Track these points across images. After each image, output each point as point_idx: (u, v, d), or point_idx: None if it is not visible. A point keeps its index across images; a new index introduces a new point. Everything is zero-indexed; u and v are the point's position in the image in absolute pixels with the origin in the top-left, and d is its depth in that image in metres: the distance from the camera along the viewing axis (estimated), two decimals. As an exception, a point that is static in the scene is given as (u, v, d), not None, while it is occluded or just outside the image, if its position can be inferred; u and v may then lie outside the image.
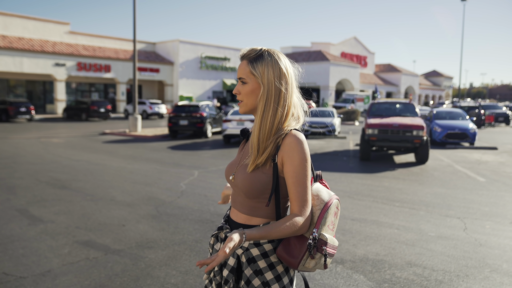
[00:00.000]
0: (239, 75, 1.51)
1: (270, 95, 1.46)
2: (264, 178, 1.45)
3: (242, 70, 1.50)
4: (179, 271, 3.67)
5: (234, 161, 1.61)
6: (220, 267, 1.51)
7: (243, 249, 1.49)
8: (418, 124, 10.37)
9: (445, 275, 3.63)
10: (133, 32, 18.79)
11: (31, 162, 9.62)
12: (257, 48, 1.50)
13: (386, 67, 63.71)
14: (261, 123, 1.47)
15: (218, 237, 1.60)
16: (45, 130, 18.87)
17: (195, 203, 5.99)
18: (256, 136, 1.47)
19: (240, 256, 1.49)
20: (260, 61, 1.47)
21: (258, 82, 1.47)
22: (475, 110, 23.66)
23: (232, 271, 1.48)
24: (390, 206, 6.05)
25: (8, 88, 31.47)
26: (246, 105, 1.52)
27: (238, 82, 1.53)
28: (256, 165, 1.46)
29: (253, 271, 1.47)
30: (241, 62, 1.51)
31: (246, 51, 1.51)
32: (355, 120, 27.53)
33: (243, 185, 1.47)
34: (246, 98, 1.50)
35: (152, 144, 14.28)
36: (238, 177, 1.51)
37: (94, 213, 5.46)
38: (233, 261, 1.49)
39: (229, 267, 1.49)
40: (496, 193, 7.06)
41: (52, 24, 32.01)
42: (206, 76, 40.26)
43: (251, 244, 1.48)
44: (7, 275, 3.53)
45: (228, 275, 1.48)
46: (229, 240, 1.32)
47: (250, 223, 1.51)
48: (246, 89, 1.49)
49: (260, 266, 1.48)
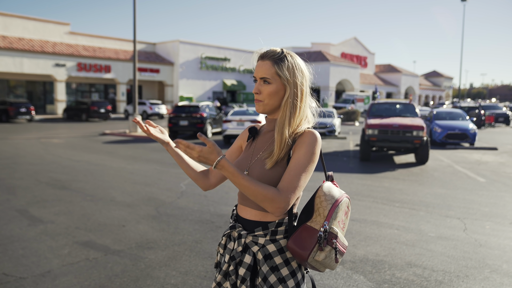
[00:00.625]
0: (262, 75, 1.50)
1: (295, 96, 1.51)
2: (281, 173, 1.48)
3: (266, 70, 1.50)
4: (179, 271, 3.66)
5: (242, 158, 1.61)
6: (235, 266, 1.51)
7: (259, 246, 1.50)
8: (418, 124, 10.37)
9: (445, 276, 3.63)
10: (133, 33, 18.80)
11: (31, 163, 9.62)
12: (278, 49, 1.53)
13: (386, 68, 63.71)
14: (289, 123, 1.49)
15: (231, 236, 1.58)
16: (45, 130, 18.87)
17: (195, 204, 5.99)
18: (281, 135, 1.49)
19: (256, 253, 1.50)
20: (285, 62, 1.50)
21: (284, 83, 1.50)
22: (475, 110, 23.67)
23: (249, 269, 1.49)
24: (390, 206, 6.05)
25: (8, 88, 31.48)
26: (267, 105, 1.53)
27: (258, 82, 1.53)
28: (276, 161, 1.49)
29: (269, 267, 1.49)
30: (263, 62, 1.51)
31: (267, 51, 1.52)
32: (355, 121, 27.53)
33: (262, 181, 1.47)
34: (268, 99, 1.52)
35: (152, 144, 14.28)
36: (254, 173, 1.51)
37: (94, 214, 5.46)
38: (249, 259, 1.49)
39: (245, 265, 1.49)
40: (496, 193, 7.06)
41: (52, 25, 32.03)
42: (206, 76, 40.26)
43: (267, 240, 1.50)
44: (7, 276, 3.53)
45: (245, 273, 1.49)
46: (207, 149, 1.33)
47: (265, 219, 1.52)
48: (270, 90, 1.50)
49: (276, 262, 1.49)
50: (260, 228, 1.50)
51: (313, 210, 1.49)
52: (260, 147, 1.59)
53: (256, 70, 1.53)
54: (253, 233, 1.51)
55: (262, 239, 1.50)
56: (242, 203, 1.58)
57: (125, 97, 35.88)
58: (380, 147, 10.71)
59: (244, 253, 1.51)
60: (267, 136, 1.60)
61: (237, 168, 1.38)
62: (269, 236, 1.50)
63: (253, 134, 1.64)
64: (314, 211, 1.48)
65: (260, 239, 1.50)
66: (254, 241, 1.51)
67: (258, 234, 1.50)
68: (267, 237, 1.49)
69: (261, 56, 1.53)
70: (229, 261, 1.52)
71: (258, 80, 1.53)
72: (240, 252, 1.51)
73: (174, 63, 38.24)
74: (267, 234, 1.50)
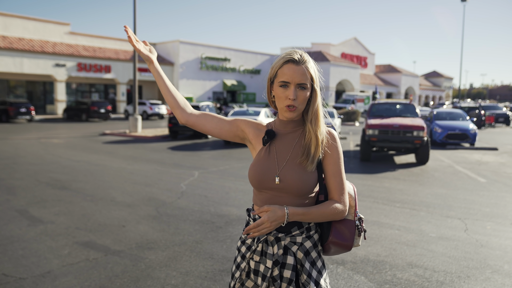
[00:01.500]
0: (301, 81, 1.49)
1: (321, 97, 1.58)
2: (316, 174, 1.55)
3: (303, 75, 1.49)
4: (180, 272, 3.65)
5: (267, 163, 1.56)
6: (279, 270, 1.53)
7: (298, 245, 1.55)
8: (418, 124, 10.36)
9: (446, 276, 3.62)
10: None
11: (31, 163, 9.61)
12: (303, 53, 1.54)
13: (386, 68, 63.71)
14: (321, 125, 1.56)
15: (267, 241, 1.55)
16: (45, 130, 18.86)
17: (196, 204, 5.98)
18: (319, 137, 1.54)
19: (296, 252, 1.55)
20: (313, 66, 1.54)
21: (315, 87, 1.54)
22: (475, 110, 23.66)
23: (294, 270, 1.53)
24: (391, 206, 6.04)
25: (8, 88, 31.47)
26: (299, 110, 1.55)
27: (291, 87, 1.49)
28: (316, 163, 1.54)
29: (309, 263, 1.55)
30: (298, 66, 1.49)
31: (301, 56, 1.51)
32: (355, 121, 27.53)
33: (300, 185, 1.51)
34: (302, 104, 1.54)
35: (152, 144, 14.27)
36: (290, 178, 1.51)
37: (94, 214, 5.45)
38: (292, 260, 1.54)
39: (289, 267, 1.53)
40: (497, 194, 7.05)
41: (52, 25, 32.02)
42: (206, 76, 40.26)
43: (304, 238, 1.55)
44: (7, 276, 3.52)
45: (291, 274, 1.53)
46: (271, 212, 1.44)
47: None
48: (305, 95, 1.52)
49: (313, 257, 1.57)
50: (296, 228, 1.55)
51: None
52: (283, 150, 1.57)
53: (289, 74, 1.48)
54: (291, 234, 1.55)
55: (300, 237, 1.55)
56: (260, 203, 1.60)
57: (125, 97, 35.87)
58: (381, 147, 10.70)
59: (285, 255, 1.54)
60: (288, 139, 1.59)
61: (299, 207, 1.48)
62: (305, 233, 1.56)
63: (271, 138, 1.59)
64: None
65: (298, 238, 1.55)
66: (292, 241, 1.55)
67: (295, 234, 1.55)
68: (303, 235, 1.55)
69: (294, 61, 1.49)
70: (272, 266, 1.52)
71: (294, 86, 1.49)
72: (281, 255, 1.54)
73: (174, 63, 38.23)
74: (303, 232, 1.56)
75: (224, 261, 3.90)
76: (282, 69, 1.49)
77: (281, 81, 1.49)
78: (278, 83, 1.51)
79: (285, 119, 1.58)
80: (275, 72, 1.53)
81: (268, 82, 1.59)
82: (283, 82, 1.49)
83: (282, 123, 1.61)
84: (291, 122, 1.59)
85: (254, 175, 1.56)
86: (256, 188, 1.58)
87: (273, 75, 1.54)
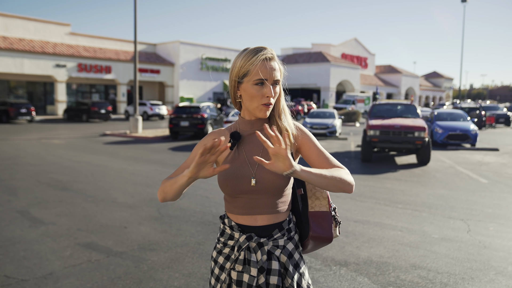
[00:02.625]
0: (277, 77, 1.45)
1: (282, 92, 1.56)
2: None
3: (277, 72, 1.45)
4: (182, 273, 3.64)
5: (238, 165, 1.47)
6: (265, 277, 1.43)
7: (280, 248, 1.49)
8: (419, 125, 10.34)
9: (450, 278, 3.60)
10: (133, 33, 18.78)
11: (31, 164, 9.59)
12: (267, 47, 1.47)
13: (387, 68, 63.70)
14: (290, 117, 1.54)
15: (250, 248, 1.46)
16: (46, 131, 18.85)
17: (197, 205, 5.96)
18: (287, 130, 1.51)
19: (279, 256, 1.49)
20: (278, 60, 1.51)
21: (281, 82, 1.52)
22: (475, 111, 23.64)
23: (280, 275, 1.45)
24: (393, 207, 6.02)
25: (9, 89, 31.46)
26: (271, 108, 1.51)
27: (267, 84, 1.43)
28: None
29: (293, 265, 1.51)
30: (274, 63, 1.45)
31: (270, 51, 1.45)
32: (356, 121, 27.50)
33: (278, 182, 1.44)
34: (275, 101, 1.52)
35: (153, 145, 14.26)
36: (267, 178, 1.44)
37: (95, 215, 5.43)
38: (277, 265, 1.46)
39: (275, 272, 1.44)
40: (499, 194, 7.03)
41: (52, 25, 32.02)
42: (206, 77, 40.24)
43: (286, 240, 1.51)
44: (9, 278, 3.50)
45: (278, 280, 1.44)
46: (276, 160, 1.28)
47: (278, 220, 1.51)
48: (279, 91, 1.51)
49: (296, 259, 1.53)
50: (277, 230, 1.49)
51: (307, 197, 1.56)
52: (253, 151, 1.49)
53: (266, 72, 1.42)
54: (273, 238, 1.48)
55: (282, 240, 1.50)
56: (247, 213, 1.48)
57: (125, 98, 35.86)
58: (382, 148, 10.69)
59: (270, 260, 1.46)
60: (256, 138, 1.51)
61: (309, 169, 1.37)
62: (287, 235, 1.51)
63: (238, 139, 1.51)
64: (309, 197, 1.56)
65: (280, 241, 1.49)
66: (275, 245, 1.48)
67: (277, 237, 1.49)
68: (285, 237, 1.51)
69: (269, 57, 1.44)
70: (258, 274, 1.43)
71: (271, 83, 1.44)
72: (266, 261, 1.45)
73: (175, 64, 38.23)
74: (284, 234, 1.51)
75: (227, 262, 3.88)
76: (256, 67, 1.41)
77: (257, 79, 1.41)
78: (253, 81, 1.41)
79: (254, 118, 1.51)
80: (246, 70, 1.42)
81: (234, 82, 1.47)
82: (260, 80, 1.41)
83: (249, 123, 1.52)
84: (258, 121, 1.51)
85: (227, 181, 1.45)
86: (230, 194, 1.48)
87: (242, 73, 1.44)
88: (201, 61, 39.40)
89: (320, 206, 1.55)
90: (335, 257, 4.04)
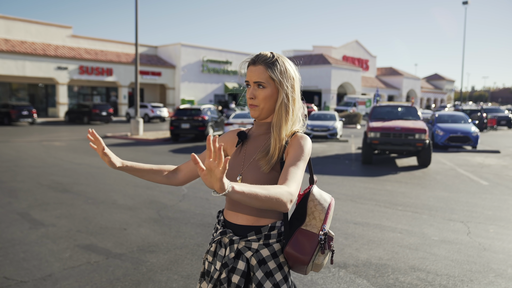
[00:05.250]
0: (256, 79, 1.50)
1: (288, 99, 1.51)
2: (276, 176, 1.48)
3: (260, 74, 1.50)
4: (181, 275, 3.64)
5: (233, 164, 1.56)
6: (227, 273, 1.46)
7: (253, 251, 1.47)
8: (420, 127, 10.34)
9: (449, 280, 3.59)
10: (135, 36, 18.83)
11: (32, 166, 9.61)
12: (268, 53, 1.53)
13: (388, 71, 63.67)
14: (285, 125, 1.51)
15: (221, 242, 1.53)
16: (47, 133, 18.89)
17: (197, 207, 5.96)
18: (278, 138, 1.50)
19: (250, 258, 1.47)
20: (277, 66, 1.51)
21: (277, 87, 1.50)
22: (477, 113, 23.62)
23: (243, 276, 1.45)
24: (393, 210, 6.01)
25: (11, 91, 31.57)
26: (262, 109, 1.52)
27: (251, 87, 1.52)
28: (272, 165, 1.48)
29: (264, 273, 1.45)
30: (255, 66, 1.51)
31: (259, 55, 1.53)
32: (357, 124, 27.49)
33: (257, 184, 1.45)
34: (264, 103, 1.52)
35: (154, 147, 14.27)
36: (249, 178, 1.48)
37: (95, 217, 5.44)
38: (243, 265, 1.45)
39: (239, 272, 1.45)
40: (499, 196, 7.02)
41: (54, 28, 32.12)
42: (207, 79, 40.31)
43: (261, 245, 1.47)
44: (8, 279, 3.51)
45: (239, 281, 1.45)
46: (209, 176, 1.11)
47: (258, 223, 1.49)
48: (265, 94, 1.50)
49: (270, 267, 1.47)
50: (253, 233, 1.47)
51: (306, 213, 1.48)
52: (252, 152, 1.56)
53: (248, 75, 1.52)
54: (246, 238, 1.47)
55: (256, 243, 1.47)
56: (232, 209, 1.53)
57: (126, 100, 35.92)
58: (382, 150, 10.68)
59: (237, 259, 1.47)
60: (259, 140, 1.58)
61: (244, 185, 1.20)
62: (263, 240, 1.47)
63: (243, 139, 1.61)
64: (308, 214, 1.48)
65: (254, 244, 1.47)
66: (247, 246, 1.47)
67: (251, 239, 1.47)
68: (261, 242, 1.46)
69: (252, 61, 1.52)
70: (221, 268, 1.47)
71: (252, 85, 1.52)
72: (232, 258, 1.46)
73: (176, 66, 38.29)
74: (260, 239, 1.47)
75: (226, 264, 3.88)
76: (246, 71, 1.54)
77: (245, 81, 1.54)
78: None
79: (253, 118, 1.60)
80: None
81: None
82: (246, 82, 1.53)
83: (257, 125, 1.62)
84: (264, 124, 1.59)
85: None
86: None
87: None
88: (202, 64, 39.46)
89: (312, 226, 1.47)
90: (334, 259, 4.03)
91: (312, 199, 1.50)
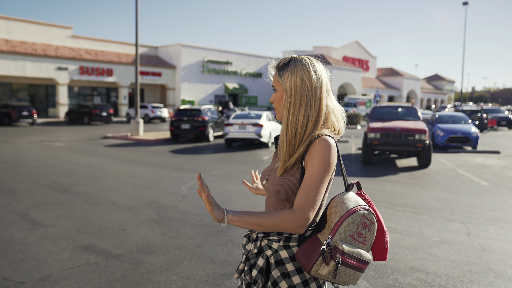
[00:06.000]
0: (272, 84, 1.59)
1: (292, 101, 1.49)
2: (293, 182, 1.49)
3: (273, 78, 1.57)
4: (180, 276, 3.63)
5: (268, 167, 1.67)
6: (250, 267, 1.54)
7: (273, 251, 1.50)
8: (420, 128, 10.33)
9: (448, 281, 3.59)
10: (135, 36, 18.84)
11: (32, 166, 9.61)
12: (288, 57, 1.56)
13: (388, 71, 63.70)
14: (286, 129, 1.50)
15: (250, 237, 1.60)
16: (47, 134, 18.89)
17: (197, 208, 5.96)
18: (283, 141, 1.51)
19: (269, 257, 1.51)
20: (285, 68, 1.52)
21: (283, 89, 1.53)
22: (477, 114, 23.61)
23: (261, 272, 1.50)
24: (393, 210, 6.01)
25: (11, 92, 31.58)
26: (279, 112, 1.58)
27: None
28: (285, 169, 1.50)
29: (280, 273, 1.48)
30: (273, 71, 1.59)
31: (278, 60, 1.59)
32: (357, 124, 27.50)
33: (274, 189, 1.52)
34: (278, 106, 1.57)
35: (154, 148, 14.27)
36: (270, 181, 1.56)
37: (95, 218, 5.43)
38: (262, 262, 1.51)
39: (258, 268, 1.51)
40: (499, 197, 7.01)
41: (54, 28, 32.14)
42: (208, 80, 40.32)
43: (280, 246, 1.49)
44: (7, 280, 3.51)
45: (257, 276, 1.50)
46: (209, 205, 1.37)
47: None
48: (277, 97, 1.56)
49: (288, 269, 1.48)
50: (275, 233, 1.50)
51: (325, 221, 1.43)
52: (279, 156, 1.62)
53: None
54: (268, 237, 1.52)
55: (276, 244, 1.50)
56: (266, 207, 1.65)
57: (127, 101, 35.94)
58: (382, 150, 10.67)
59: (259, 255, 1.53)
60: None
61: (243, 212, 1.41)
62: (283, 241, 1.49)
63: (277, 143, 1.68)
64: (326, 222, 1.42)
65: (274, 244, 1.50)
66: (268, 245, 1.52)
67: (273, 239, 1.51)
68: (281, 243, 1.49)
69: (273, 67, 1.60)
70: (245, 261, 1.56)
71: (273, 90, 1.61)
72: (255, 254, 1.54)
73: (176, 67, 38.31)
74: (280, 240, 1.49)
75: (225, 265, 3.88)
76: None
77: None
78: None
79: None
80: None
81: None
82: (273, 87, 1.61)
83: None
84: None
85: (260, 176, 1.71)
86: None
87: None
88: (202, 64, 39.47)
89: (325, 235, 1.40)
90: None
91: (331, 206, 1.43)
